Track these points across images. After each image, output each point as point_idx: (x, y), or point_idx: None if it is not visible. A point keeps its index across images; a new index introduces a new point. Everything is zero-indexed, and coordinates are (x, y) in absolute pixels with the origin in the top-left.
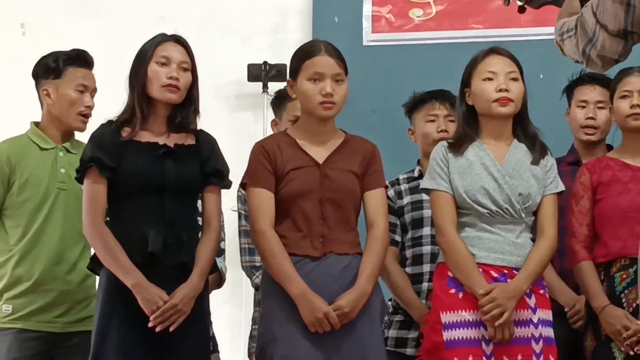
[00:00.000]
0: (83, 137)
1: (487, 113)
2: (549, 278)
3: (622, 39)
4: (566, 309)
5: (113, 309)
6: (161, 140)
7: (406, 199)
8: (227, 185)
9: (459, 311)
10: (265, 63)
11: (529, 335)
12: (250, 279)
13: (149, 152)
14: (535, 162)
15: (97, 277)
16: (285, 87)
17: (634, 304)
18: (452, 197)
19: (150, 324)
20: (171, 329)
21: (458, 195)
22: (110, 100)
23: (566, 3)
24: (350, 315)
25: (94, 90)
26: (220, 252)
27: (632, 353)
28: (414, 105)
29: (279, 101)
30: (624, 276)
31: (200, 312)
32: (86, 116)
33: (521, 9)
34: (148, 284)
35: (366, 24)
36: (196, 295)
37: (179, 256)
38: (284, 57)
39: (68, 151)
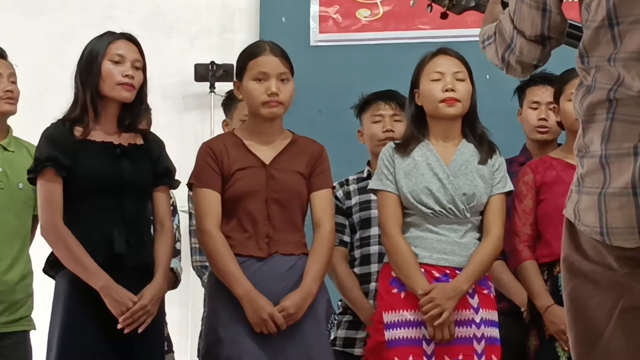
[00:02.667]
0: (28, 135)
1: (435, 114)
2: (503, 278)
3: (540, 45)
4: (522, 309)
5: (77, 311)
6: (114, 140)
7: (355, 199)
8: (176, 185)
9: (401, 311)
10: (212, 63)
11: (471, 335)
12: (201, 278)
13: (105, 151)
14: (482, 161)
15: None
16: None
17: None
18: (397, 198)
19: (119, 326)
20: (140, 330)
21: (403, 196)
22: (56, 99)
23: (489, 9)
24: (296, 316)
25: (11, 75)
26: (176, 252)
27: None
28: (362, 106)
29: (230, 101)
30: None
31: (158, 314)
32: (10, 99)
33: (443, 15)
34: (116, 285)
35: (313, 24)
36: (162, 296)
37: (143, 257)
38: (231, 57)
39: (5, 149)
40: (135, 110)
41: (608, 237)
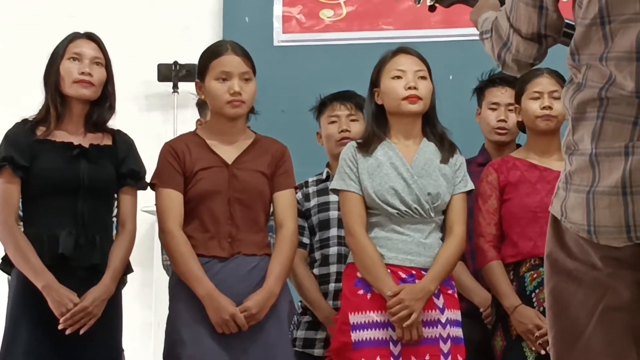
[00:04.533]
0: None
1: (396, 111)
2: (463, 278)
3: (536, 43)
4: (481, 309)
5: (23, 310)
6: (76, 140)
7: (313, 201)
8: (143, 186)
9: (367, 312)
10: (175, 63)
11: (437, 336)
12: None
13: (63, 152)
14: (444, 160)
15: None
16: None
17: (545, 304)
18: (361, 198)
19: (60, 327)
20: (81, 332)
21: (367, 196)
22: (23, 100)
23: (481, 1)
24: (258, 317)
25: None
26: None
27: (543, 352)
28: (319, 108)
29: (204, 101)
30: (535, 276)
31: (111, 315)
32: None
33: (431, 8)
34: (58, 285)
35: (277, 25)
36: (108, 298)
37: (91, 258)
38: (195, 58)
39: None
40: (100, 108)
41: (595, 236)
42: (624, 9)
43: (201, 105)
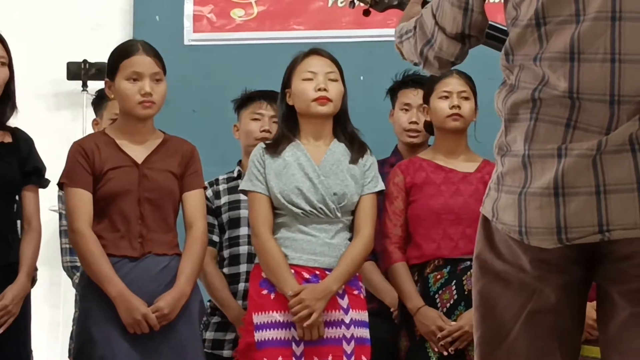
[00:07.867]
0: None
1: (307, 112)
2: (374, 278)
3: (460, 42)
4: (392, 309)
5: None
6: None
7: (224, 199)
8: (45, 184)
9: (270, 312)
10: (85, 61)
11: (340, 336)
12: (71, 279)
13: None
14: (353, 161)
15: None
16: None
17: (448, 304)
18: (268, 199)
19: None
20: (0, 330)
21: (273, 196)
22: None
23: (407, 8)
24: (170, 317)
25: None
26: None
27: (446, 353)
28: (243, 102)
29: (100, 100)
30: (438, 277)
31: (22, 313)
32: None
33: (366, 12)
34: None
35: (187, 24)
36: (24, 296)
37: (7, 257)
38: (105, 56)
39: None
40: (2, 107)
41: (526, 237)
42: (559, 11)
43: (97, 105)
